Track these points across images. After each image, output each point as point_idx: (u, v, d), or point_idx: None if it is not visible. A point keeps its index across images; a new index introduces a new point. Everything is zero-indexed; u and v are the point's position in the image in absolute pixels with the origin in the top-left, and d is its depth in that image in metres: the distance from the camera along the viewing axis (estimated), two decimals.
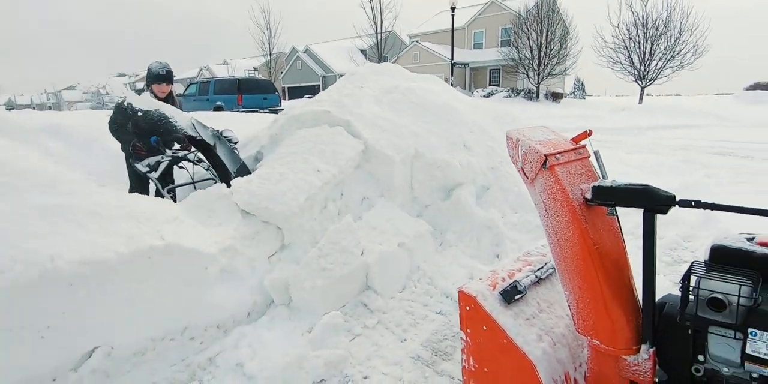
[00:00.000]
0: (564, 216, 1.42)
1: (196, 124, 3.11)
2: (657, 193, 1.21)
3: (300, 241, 2.80)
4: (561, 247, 1.46)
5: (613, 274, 1.41)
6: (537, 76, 25.31)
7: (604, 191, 1.33)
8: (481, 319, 1.56)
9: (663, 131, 11.63)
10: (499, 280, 1.69)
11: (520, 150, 1.55)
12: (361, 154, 3.36)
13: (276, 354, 2.14)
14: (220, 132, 3.33)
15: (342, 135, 3.37)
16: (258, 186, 2.77)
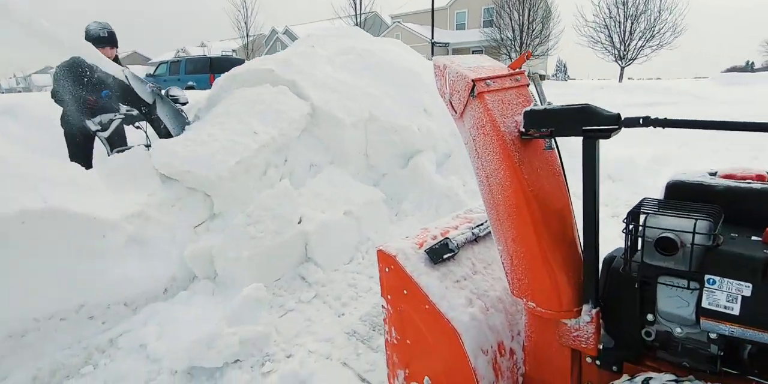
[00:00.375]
0: (494, 154, 1.16)
1: (129, 76, 2.75)
2: (598, 112, 0.95)
3: (233, 211, 2.50)
4: (492, 193, 1.20)
5: (551, 222, 1.16)
6: None
7: (537, 116, 1.06)
8: (402, 281, 1.31)
9: (642, 108, 11.51)
10: (429, 238, 1.44)
11: (447, 78, 1.28)
12: (307, 116, 3.05)
13: (186, 332, 1.86)
14: (161, 89, 2.95)
15: (286, 95, 3.04)
16: (182, 147, 2.45)
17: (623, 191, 3.83)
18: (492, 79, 1.20)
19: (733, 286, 0.80)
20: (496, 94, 1.20)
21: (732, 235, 0.88)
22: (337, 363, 1.77)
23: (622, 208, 3.43)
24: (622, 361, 1.14)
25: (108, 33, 3.21)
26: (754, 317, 0.79)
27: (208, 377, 1.71)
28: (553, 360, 1.26)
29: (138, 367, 1.76)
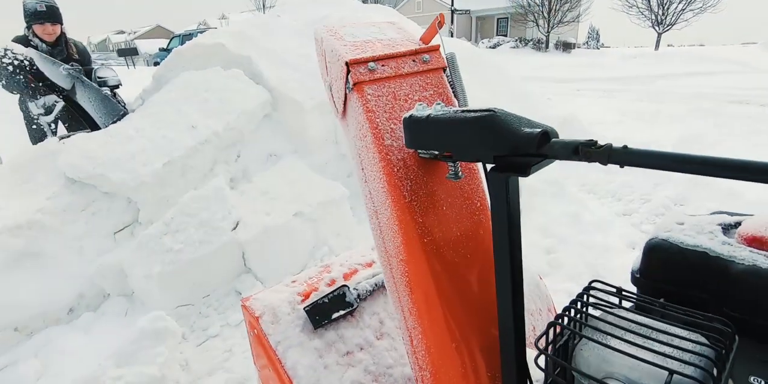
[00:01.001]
0: (378, 180, 0.74)
1: (36, 57, 2.38)
2: (510, 127, 0.49)
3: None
4: (383, 238, 0.79)
5: (467, 286, 0.74)
6: (547, 24, 23.39)
7: (419, 127, 0.62)
8: (266, 354, 0.92)
9: (678, 79, 10.45)
10: (323, 284, 1.04)
11: (326, 58, 0.85)
12: (265, 105, 2.62)
13: (72, 371, 1.56)
14: (81, 70, 2.56)
15: (240, 80, 2.61)
16: (99, 145, 2.08)
17: (641, 182, 3.29)
18: (378, 60, 0.76)
19: None
20: (384, 84, 0.76)
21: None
22: None
23: (635, 205, 2.92)
24: None
25: (47, 6, 2.78)
26: None
27: None
28: None
29: None
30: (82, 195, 2.00)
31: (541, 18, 23.59)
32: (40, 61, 2.34)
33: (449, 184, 0.74)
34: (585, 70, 13.37)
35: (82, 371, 1.47)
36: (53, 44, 2.75)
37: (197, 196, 2.01)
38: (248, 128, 2.58)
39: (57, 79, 2.35)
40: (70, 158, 1.96)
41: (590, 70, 13.30)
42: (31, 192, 1.91)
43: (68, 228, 1.90)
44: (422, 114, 0.61)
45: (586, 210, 2.66)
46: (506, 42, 25.56)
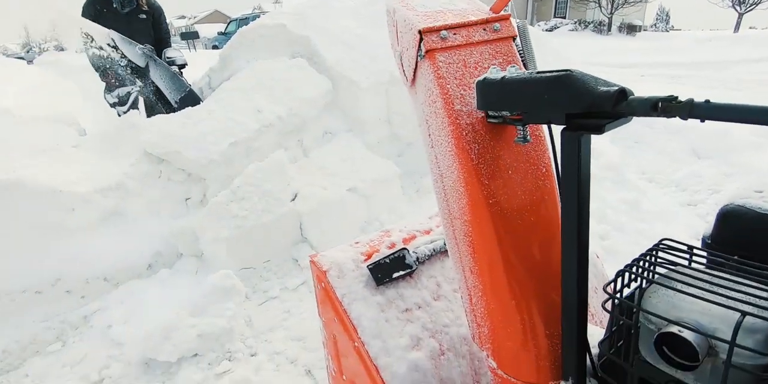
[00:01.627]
0: (446, 145, 0.78)
1: (117, 38, 2.59)
2: (586, 85, 0.52)
3: None
4: (447, 200, 0.83)
5: (529, 250, 0.78)
6: (610, 5, 21.90)
7: (492, 90, 0.65)
8: (332, 306, 1.01)
9: (757, 64, 9.53)
10: (384, 247, 1.10)
11: (397, 29, 0.89)
12: (325, 93, 2.68)
13: (151, 318, 1.75)
14: (153, 50, 2.77)
15: (303, 69, 2.69)
16: (177, 125, 2.24)
17: (710, 172, 3.10)
18: (451, 28, 0.79)
19: None
20: (455, 52, 0.78)
21: None
22: (300, 370, 1.56)
23: (702, 196, 2.76)
24: None
25: None
26: None
27: (163, 371, 1.58)
28: None
29: (98, 350, 1.68)
30: (159, 165, 2.18)
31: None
32: (119, 41, 2.54)
33: (516, 149, 0.77)
34: (651, 54, 12.47)
35: (162, 318, 1.65)
36: (141, 7, 2.99)
37: (260, 168, 2.14)
38: (310, 115, 2.66)
39: (134, 58, 2.55)
40: (150, 136, 2.14)
41: (657, 54, 12.39)
42: (116, 158, 2.12)
43: (147, 192, 2.09)
44: (496, 76, 0.64)
45: (645, 198, 2.56)
46: (564, 24, 24.26)
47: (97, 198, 1.88)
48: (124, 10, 2.98)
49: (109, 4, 2.94)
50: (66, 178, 1.82)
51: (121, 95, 3.05)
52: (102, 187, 1.90)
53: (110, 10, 2.93)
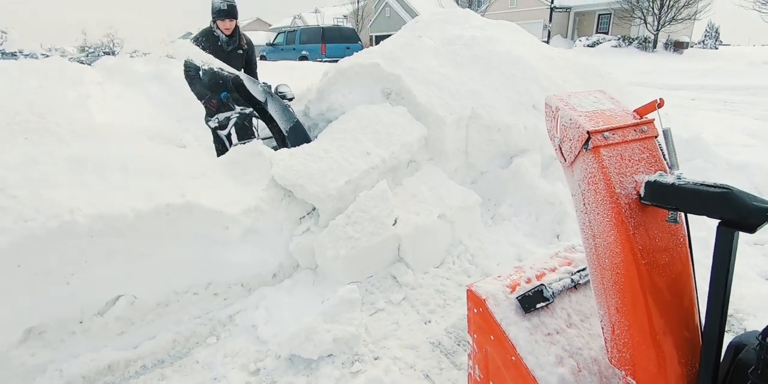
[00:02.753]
0: (605, 215, 1.07)
1: (245, 79, 3.02)
2: (742, 202, 0.81)
3: None
4: (598, 255, 1.12)
5: (666, 297, 1.06)
6: (657, 21, 21.57)
7: (662, 190, 0.95)
8: (489, 327, 1.31)
9: None
10: (523, 281, 1.40)
11: (558, 122, 1.18)
12: (420, 139, 2.98)
13: (289, 321, 2.10)
14: (272, 88, 3.20)
15: (404, 116, 3.01)
16: (299, 161, 2.58)
17: None
18: (612, 130, 1.09)
19: None
20: (614, 148, 1.08)
21: None
22: (419, 374, 1.87)
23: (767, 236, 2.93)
24: None
25: (228, 5, 3.39)
26: None
27: (305, 367, 1.92)
28: None
29: (249, 346, 2.04)
30: (281, 188, 2.56)
31: (650, 14, 21.83)
32: (246, 80, 2.96)
33: (661, 223, 1.05)
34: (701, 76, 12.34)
35: (301, 322, 2.00)
36: (230, 35, 3.42)
37: (369, 196, 2.48)
38: (405, 159, 2.95)
39: (256, 94, 2.96)
40: (278, 170, 2.51)
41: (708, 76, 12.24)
42: (248, 185, 2.51)
43: (274, 213, 2.46)
44: (666, 181, 0.93)
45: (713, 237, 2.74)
46: (607, 40, 24.01)
47: (243, 218, 2.26)
48: (228, 48, 3.42)
49: (214, 42, 3.38)
50: (220, 201, 2.20)
51: (221, 119, 3.47)
52: (245, 209, 2.28)
53: (215, 48, 3.37)
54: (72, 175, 1.93)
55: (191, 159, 2.50)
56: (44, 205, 1.75)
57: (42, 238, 1.69)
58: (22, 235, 1.66)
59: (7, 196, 1.72)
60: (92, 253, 1.84)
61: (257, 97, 2.97)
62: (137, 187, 2.02)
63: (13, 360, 1.75)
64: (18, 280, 1.69)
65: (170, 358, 2.02)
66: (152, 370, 1.95)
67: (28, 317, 1.77)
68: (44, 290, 1.76)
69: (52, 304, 1.80)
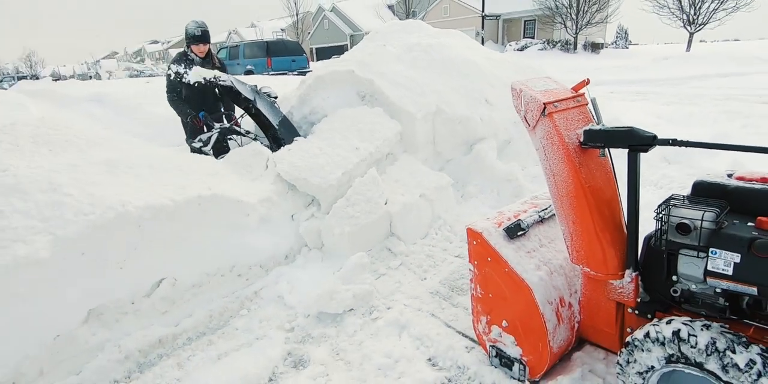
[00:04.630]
0: (560, 158, 1.57)
1: (234, 81, 3.33)
2: (639, 133, 1.34)
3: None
4: (558, 187, 1.62)
5: (603, 209, 1.58)
6: (575, 25, 23.76)
7: (594, 134, 1.46)
8: (486, 251, 1.78)
9: (708, 80, 10.91)
10: (505, 220, 1.88)
11: (522, 100, 1.68)
12: (397, 134, 3.42)
13: (310, 288, 2.46)
14: (258, 88, 3.52)
15: (381, 116, 3.45)
16: (299, 158, 2.95)
17: (678, 174, 4.02)
18: (559, 101, 1.60)
19: (728, 255, 1.20)
20: (561, 113, 1.60)
21: (734, 221, 1.26)
22: (426, 314, 2.30)
23: (675, 191, 3.66)
24: (655, 311, 1.56)
25: (202, 32, 3.72)
26: (742, 276, 1.19)
27: (332, 320, 2.29)
28: (602, 310, 1.70)
29: (279, 311, 2.38)
30: (285, 183, 2.92)
31: (569, 19, 23.99)
32: (237, 82, 3.28)
33: (596, 159, 1.57)
34: (616, 72, 13.89)
35: (320, 288, 2.37)
36: (204, 58, 3.74)
37: (363, 181, 2.90)
38: (386, 151, 3.38)
39: (247, 94, 3.29)
40: (283, 166, 2.87)
41: (622, 72, 13.81)
42: (257, 178, 2.84)
43: (282, 203, 2.81)
44: (596, 128, 1.45)
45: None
46: (534, 44, 26.00)
47: (259, 207, 2.60)
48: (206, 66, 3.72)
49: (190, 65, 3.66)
50: (239, 192, 2.53)
51: (203, 139, 3.72)
52: (260, 199, 2.62)
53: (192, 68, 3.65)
54: (110, 175, 2.20)
55: (201, 160, 2.80)
56: (97, 201, 2.01)
57: (102, 228, 1.96)
58: (85, 225, 1.92)
59: (63, 194, 1.97)
60: (140, 240, 2.12)
61: (248, 96, 3.29)
62: (168, 183, 2.31)
63: (78, 338, 1.98)
64: (82, 266, 1.94)
65: (210, 330, 2.31)
66: (198, 340, 2.24)
67: (90, 300, 2.01)
68: (102, 275, 2.02)
69: (108, 287, 2.05)
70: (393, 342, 2.09)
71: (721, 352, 1.19)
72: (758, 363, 1.15)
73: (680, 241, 1.30)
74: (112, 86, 10.09)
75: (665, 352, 1.31)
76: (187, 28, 3.75)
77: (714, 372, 1.22)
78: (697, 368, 1.26)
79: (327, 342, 2.16)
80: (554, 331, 1.67)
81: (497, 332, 1.83)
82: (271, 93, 3.59)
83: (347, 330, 2.23)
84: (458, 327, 2.18)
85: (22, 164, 2.09)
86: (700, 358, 1.24)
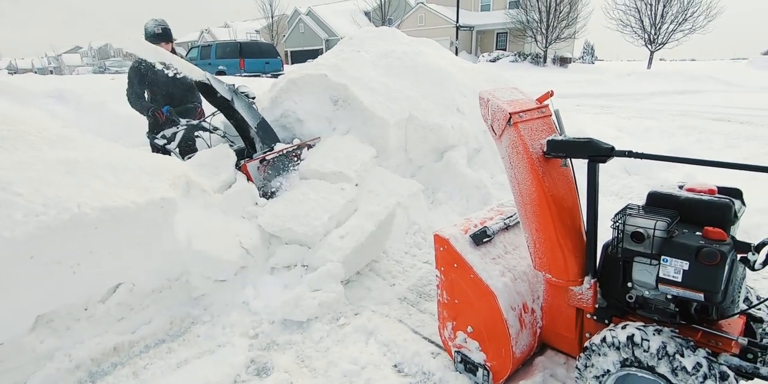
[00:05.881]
0: (524, 167, 1.62)
1: (211, 78, 3.21)
2: (598, 145, 1.39)
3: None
4: (522, 195, 1.66)
5: (565, 217, 1.63)
6: (545, 39, 24.63)
7: (556, 144, 1.51)
8: (453, 257, 1.80)
9: (667, 97, 11.52)
10: (471, 226, 1.91)
11: (489, 109, 1.72)
12: (372, 158, 3.41)
13: (277, 294, 2.42)
14: (236, 87, 3.42)
15: (356, 142, 3.47)
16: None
17: (638, 184, 4.21)
18: (524, 112, 1.65)
19: (678, 263, 1.26)
20: (526, 123, 1.64)
21: (683, 231, 1.33)
22: (394, 320, 2.30)
23: (635, 201, 3.81)
24: (612, 316, 1.62)
25: (162, 29, 3.62)
26: (691, 283, 1.25)
27: (298, 327, 2.26)
28: (563, 316, 1.74)
29: (243, 317, 2.32)
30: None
31: (539, 34, 24.86)
32: (213, 79, 3.17)
33: (560, 170, 1.62)
34: (583, 86, 14.45)
35: (285, 294, 2.33)
36: None
37: None
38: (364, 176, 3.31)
39: (224, 93, 3.19)
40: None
41: (588, 86, 14.38)
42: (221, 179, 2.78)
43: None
44: (558, 138, 1.50)
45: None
46: (505, 56, 26.77)
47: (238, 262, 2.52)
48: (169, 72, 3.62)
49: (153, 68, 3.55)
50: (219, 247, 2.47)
51: (167, 135, 3.53)
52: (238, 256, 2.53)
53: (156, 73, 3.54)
54: (67, 175, 2.09)
55: (165, 160, 2.71)
56: (50, 201, 1.91)
57: (54, 230, 1.86)
58: (36, 227, 1.81)
59: (12, 193, 1.86)
60: (96, 244, 2.02)
61: (224, 96, 3.18)
62: (130, 184, 2.22)
63: (25, 346, 1.87)
64: (31, 271, 1.83)
65: (170, 337, 2.23)
66: (156, 347, 2.16)
67: (39, 306, 1.90)
68: (53, 279, 1.91)
69: (60, 292, 1.95)
70: (360, 348, 2.07)
71: (671, 356, 1.25)
72: (704, 366, 1.21)
73: (634, 249, 1.36)
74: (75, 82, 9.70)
75: (620, 356, 1.36)
76: (147, 27, 3.63)
77: (664, 375, 1.27)
78: (649, 371, 1.31)
79: (292, 349, 2.12)
80: (517, 337, 1.71)
81: (462, 338, 1.85)
82: (249, 93, 3.50)
83: (313, 336, 2.20)
84: (425, 333, 2.19)
85: None
86: (652, 362, 1.29)
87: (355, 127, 3.64)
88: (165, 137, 3.54)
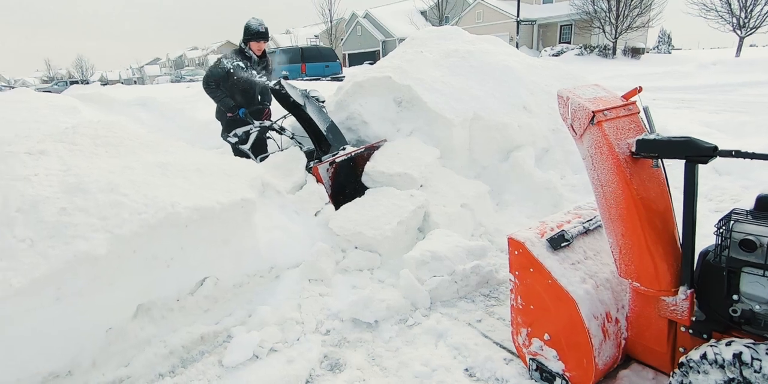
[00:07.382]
0: (609, 169, 1.53)
1: (285, 84, 3.39)
2: (698, 144, 1.28)
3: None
4: (606, 198, 1.58)
5: (655, 221, 1.52)
6: (614, 30, 23.07)
7: (648, 144, 1.41)
8: (528, 262, 1.74)
9: (762, 87, 10.34)
10: (548, 230, 1.84)
11: (569, 108, 1.64)
12: (438, 158, 3.42)
13: (347, 294, 2.48)
14: (307, 92, 3.58)
15: (421, 143, 3.48)
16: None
17: (730, 185, 3.82)
18: (608, 109, 1.56)
19: None
20: (611, 122, 1.55)
21: None
22: (463, 323, 2.27)
23: (726, 204, 3.47)
24: (712, 330, 1.48)
25: (264, 29, 3.82)
26: None
27: (368, 326, 2.30)
28: (652, 328, 1.63)
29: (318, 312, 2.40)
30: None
31: (608, 24, 23.35)
32: (288, 87, 3.34)
33: (649, 170, 1.51)
34: (658, 78, 13.37)
35: (359, 294, 2.38)
36: (260, 56, 3.84)
37: None
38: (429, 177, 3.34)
39: (297, 99, 3.34)
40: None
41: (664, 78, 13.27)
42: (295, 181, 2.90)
43: None
44: (650, 137, 1.40)
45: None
46: (570, 49, 25.43)
47: None
48: (258, 67, 3.85)
49: (246, 61, 3.78)
50: None
51: (239, 134, 3.73)
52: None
53: (247, 66, 3.78)
54: (162, 177, 2.30)
55: (243, 163, 2.88)
56: (149, 201, 2.11)
57: (153, 227, 2.04)
58: (139, 225, 2.01)
59: (121, 195, 2.08)
60: (186, 240, 2.20)
61: (297, 101, 3.33)
62: (215, 185, 2.39)
63: (129, 332, 2.07)
64: (134, 264, 2.03)
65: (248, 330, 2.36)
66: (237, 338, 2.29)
67: (140, 295, 2.10)
68: (151, 272, 2.11)
69: (156, 284, 2.14)
70: (430, 350, 2.07)
71: None
72: None
73: (744, 259, 1.24)
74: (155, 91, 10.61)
75: (725, 375, 1.24)
76: (250, 25, 3.78)
77: None
78: None
79: (363, 347, 2.17)
80: (600, 347, 1.62)
81: (538, 345, 1.78)
82: (320, 97, 3.64)
83: (383, 336, 2.23)
84: (496, 338, 2.14)
85: (83, 165, 2.21)
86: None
87: (418, 128, 3.64)
88: (237, 135, 3.69)
